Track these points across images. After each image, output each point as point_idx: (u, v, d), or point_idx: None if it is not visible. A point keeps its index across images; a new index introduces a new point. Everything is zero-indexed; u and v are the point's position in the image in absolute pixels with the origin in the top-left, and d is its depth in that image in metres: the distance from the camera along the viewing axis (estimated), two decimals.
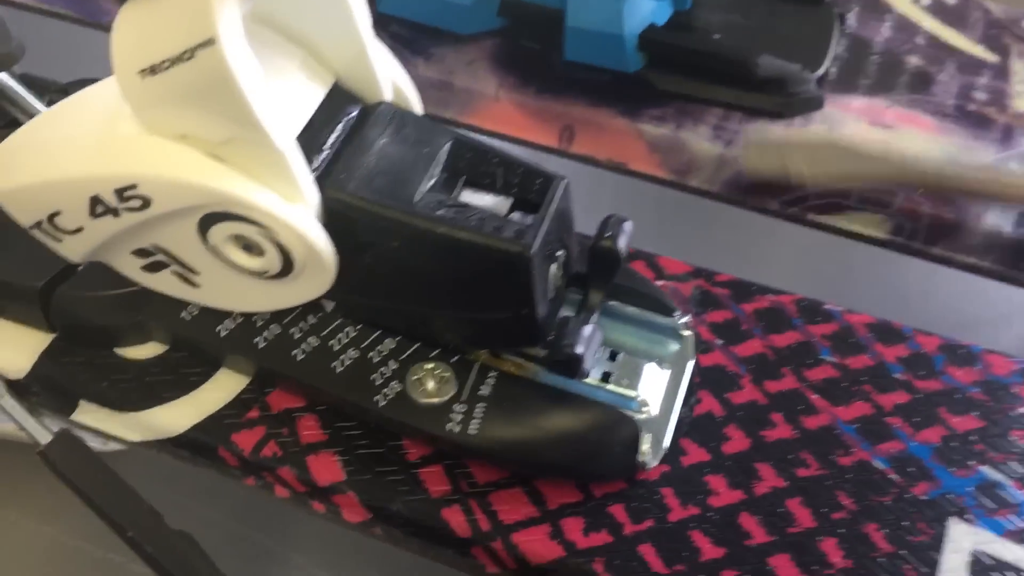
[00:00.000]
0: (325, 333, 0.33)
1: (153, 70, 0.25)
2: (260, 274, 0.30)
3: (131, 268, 0.31)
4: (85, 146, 0.28)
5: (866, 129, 0.44)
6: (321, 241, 0.28)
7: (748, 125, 0.44)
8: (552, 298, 0.31)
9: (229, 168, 0.27)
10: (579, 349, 0.30)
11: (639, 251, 0.39)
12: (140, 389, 0.34)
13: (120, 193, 0.27)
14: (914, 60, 0.47)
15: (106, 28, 0.50)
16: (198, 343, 0.33)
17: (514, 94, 0.45)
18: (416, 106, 0.33)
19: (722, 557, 0.31)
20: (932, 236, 0.42)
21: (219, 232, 0.28)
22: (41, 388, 0.34)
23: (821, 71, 0.45)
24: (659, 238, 0.31)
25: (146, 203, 0.28)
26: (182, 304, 0.33)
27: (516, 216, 0.30)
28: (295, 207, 0.28)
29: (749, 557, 0.31)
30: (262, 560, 0.45)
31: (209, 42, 0.24)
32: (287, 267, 0.29)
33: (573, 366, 0.30)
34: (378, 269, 0.30)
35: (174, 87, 0.26)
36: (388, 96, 0.32)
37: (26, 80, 0.39)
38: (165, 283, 0.32)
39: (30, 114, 0.37)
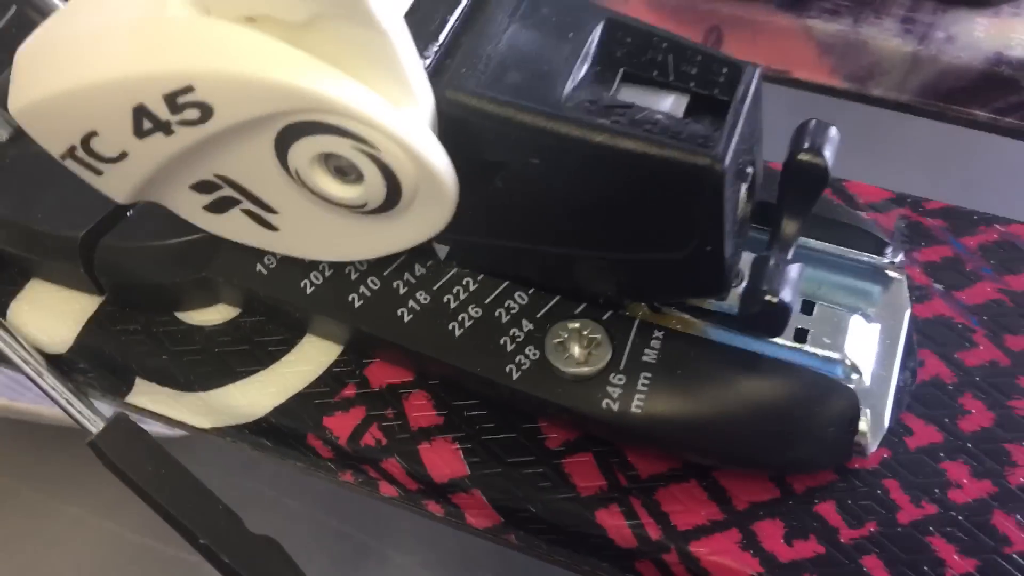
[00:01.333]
0: (438, 287, 0.26)
1: None
2: (357, 208, 0.23)
3: (191, 208, 0.25)
4: (121, 37, 0.21)
5: None
6: (439, 158, 0.22)
7: (945, 15, 0.36)
8: (738, 232, 0.24)
9: (315, 59, 0.20)
10: (786, 296, 0.22)
11: None
12: (209, 363, 0.27)
13: (172, 99, 0.21)
14: None
15: None
16: (278, 303, 0.27)
17: None
18: None
19: (974, 571, 0.24)
20: None
21: (303, 151, 0.22)
22: (89, 364, 0.28)
23: None
24: (841, 161, 0.24)
25: (207, 113, 0.21)
26: (257, 254, 0.27)
27: (692, 121, 0.23)
28: (404, 112, 0.21)
29: (1009, 569, 0.24)
30: (357, 559, 0.39)
31: None
32: (393, 196, 0.22)
33: (779, 319, 0.23)
34: (511, 197, 0.23)
35: None
36: None
37: None
38: (235, 226, 0.25)
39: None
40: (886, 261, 0.27)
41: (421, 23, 0.23)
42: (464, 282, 0.26)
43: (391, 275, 0.26)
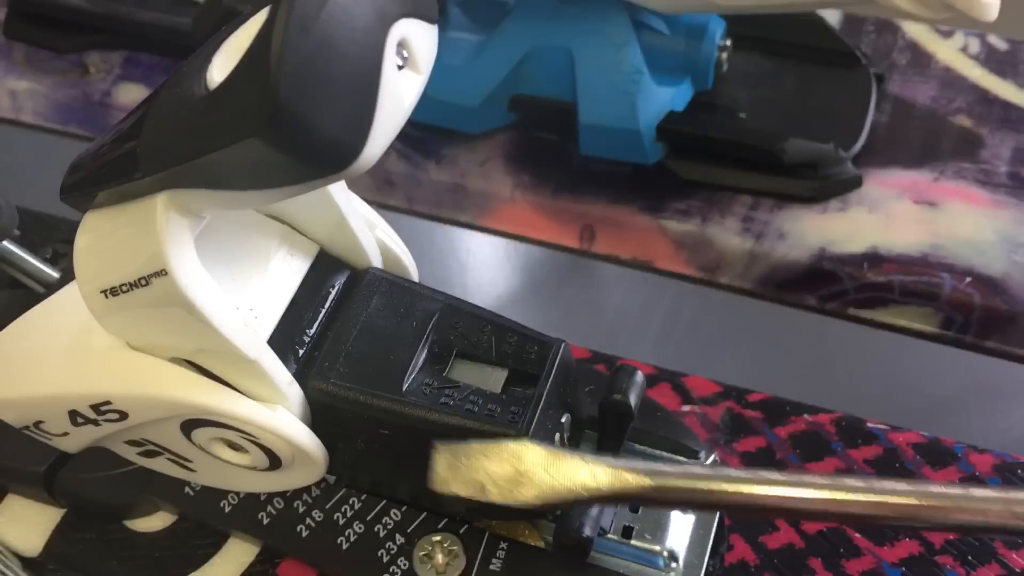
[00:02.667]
0: (329, 505, 0.32)
1: (113, 292, 0.25)
2: (250, 468, 0.29)
3: (128, 453, 0.31)
4: (57, 362, 0.27)
5: (908, 208, 0.41)
6: (305, 441, 0.28)
7: (780, 213, 0.41)
8: None
9: (201, 378, 0.26)
10: (587, 532, 0.28)
11: (663, 371, 0.37)
12: (150, 567, 0.33)
13: (96, 408, 0.27)
14: (962, 120, 0.44)
15: None
16: (203, 519, 0.33)
17: (530, 194, 0.44)
18: (409, 266, 0.32)
19: None
20: (984, 329, 0.39)
21: (202, 435, 0.28)
22: (56, 566, 0.34)
23: (857, 148, 0.42)
24: (686, 342, 0.30)
25: (123, 415, 0.27)
26: (184, 480, 0.33)
27: (507, 396, 0.29)
28: (275, 411, 0.27)
29: None
30: None
31: (161, 272, 0.23)
32: (275, 463, 0.28)
33: (582, 550, 0.28)
34: (372, 452, 0.29)
35: (137, 309, 0.25)
36: (376, 261, 0.31)
37: (35, 221, 0.39)
38: (163, 466, 0.31)
39: (31, 275, 0.37)
40: (705, 463, 0.33)
41: (295, 320, 0.29)
42: (351, 501, 0.32)
43: (292, 496, 0.32)
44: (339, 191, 0.29)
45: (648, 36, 0.42)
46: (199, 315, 0.24)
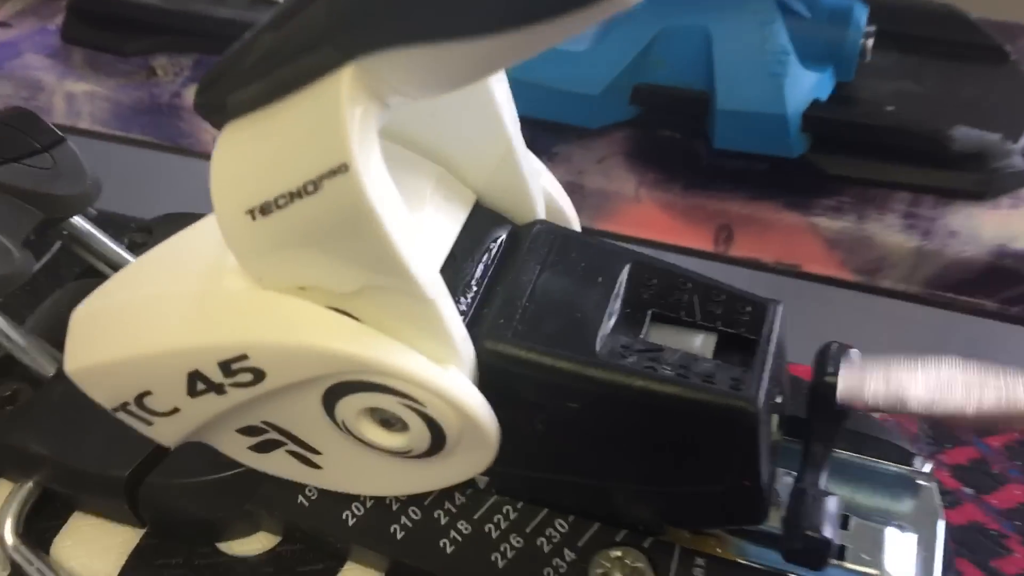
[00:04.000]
0: (478, 515, 0.26)
1: (265, 209, 0.20)
2: (402, 454, 0.23)
3: (236, 448, 0.26)
4: (180, 309, 0.22)
5: None
6: (482, 411, 0.22)
7: (946, 209, 0.37)
8: (771, 457, 0.24)
9: (362, 326, 0.21)
10: (827, 532, 0.23)
11: None
12: None
13: (226, 366, 0.22)
14: None
15: (190, 152, 0.46)
16: (320, 534, 0.27)
17: (657, 192, 0.39)
18: (574, 222, 0.27)
19: None
20: None
21: (349, 406, 0.23)
22: None
23: None
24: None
25: (259, 376, 0.22)
26: (299, 486, 0.27)
27: (721, 362, 0.24)
28: (448, 370, 0.22)
29: None
30: None
31: (341, 169, 0.19)
32: (437, 445, 0.23)
33: (821, 556, 0.23)
34: (550, 437, 0.24)
35: (294, 228, 0.20)
36: (542, 213, 0.26)
37: (102, 219, 0.34)
38: (279, 464, 0.26)
39: (107, 260, 0.33)
40: (915, 470, 0.28)
41: (456, 275, 0.24)
42: (504, 510, 0.26)
43: (432, 504, 0.27)
44: (512, 123, 0.24)
45: (790, 19, 0.38)
46: (380, 232, 0.19)
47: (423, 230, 0.24)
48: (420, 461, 0.24)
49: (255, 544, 0.29)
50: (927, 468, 0.28)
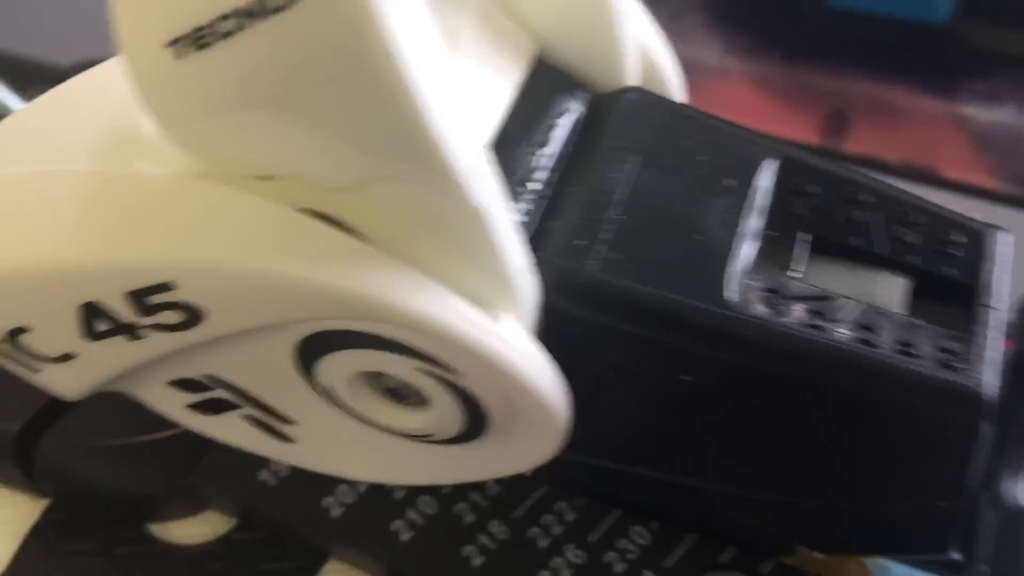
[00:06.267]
0: (521, 514, 0.19)
1: (200, 38, 0.12)
2: (419, 437, 0.16)
3: (170, 405, 0.18)
4: (65, 202, 0.14)
5: None
6: (549, 384, 0.15)
7: None
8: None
9: (360, 243, 0.13)
10: None
11: None
12: None
13: (139, 299, 0.14)
14: None
15: None
16: (288, 525, 0.20)
17: (750, 63, 0.31)
18: (676, 91, 0.19)
19: None
20: None
21: (336, 367, 0.15)
22: None
23: None
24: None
25: (194, 317, 0.14)
26: (258, 459, 0.19)
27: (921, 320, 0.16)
28: (498, 318, 0.14)
29: None
30: None
31: None
32: (474, 429, 0.15)
33: None
34: (644, 418, 0.16)
35: (247, 74, 0.12)
36: (635, 77, 0.18)
37: (5, 64, 0.25)
38: (231, 431, 0.18)
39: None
40: None
41: (509, 164, 0.16)
42: (557, 509, 0.19)
43: (453, 495, 0.19)
44: None
45: None
46: (396, 77, 0.11)
47: (456, 92, 0.16)
48: (442, 447, 0.16)
49: (200, 527, 0.21)
50: None
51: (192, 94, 0.12)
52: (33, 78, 0.26)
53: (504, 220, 0.14)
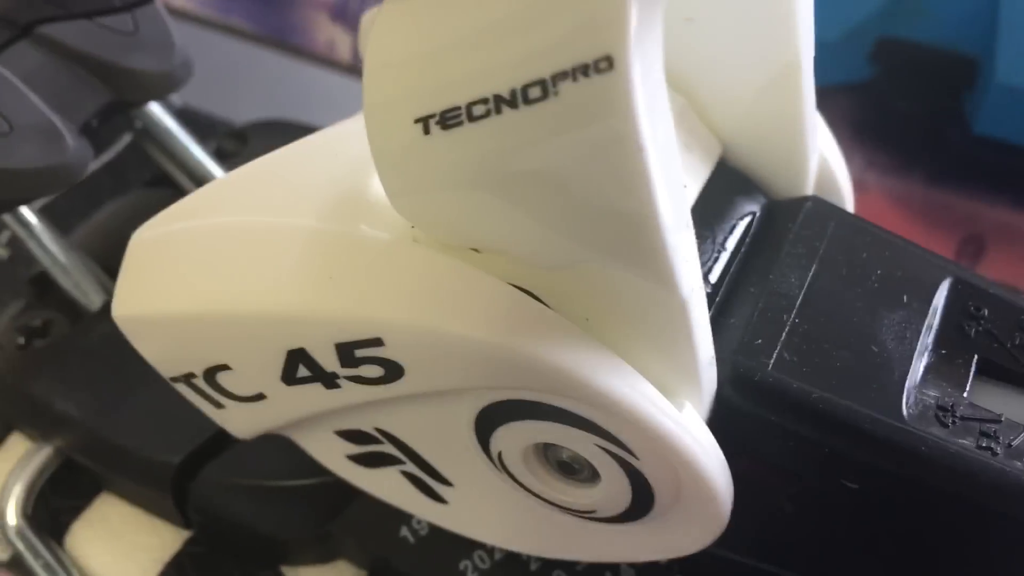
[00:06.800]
0: None
1: (450, 118, 0.13)
2: (583, 513, 0.16)
3: (330, 454, 0.19)
4: (286, 255, 0.15)
5: None
6: (719, 472, 0.15)
7: None
8: None
9: (564, 321, 0.14)
10: None
11: None
12: None
13: (348, 351, 0.15)
14: None
15: (297, 51, 0.39)
16: None
17: (890, 180, 0.31)
18: (849, 203, 0.20)
19: None
20: None
21: (515, 437, 0.16)
22: None
23: None
24: None
25: (393, 373, 0.15)
26: (403, 515, 0.20)
27: None
28: (682, 407, 0.15)
29: None
30: None
31: (601, 64, 0.11)
32: (637, 510, 0.16)
33: None
34: (799, 520, 0.17)
35: (491, 155, 0.13)
36: (811, 186, 0.19)
37: (186, 116, 0.27)
38: (386, 485, 0.19)
39: (187, 167, 0.26)
40: None
41: None
42: None
43: (588, 570, 0.20)
44: (806, 39, 0.17)
45: None
46: (640, 175, 0.12)
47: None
48: (603, 524, 0.17)
49: (331, 574, 0.22)
50: None
51: (429, 168, 0.13)
52: (206, 132, 0.28)
53: (703, 312, 0.14)
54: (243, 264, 0.15)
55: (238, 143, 0.28)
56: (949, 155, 0.32)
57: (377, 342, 0.14)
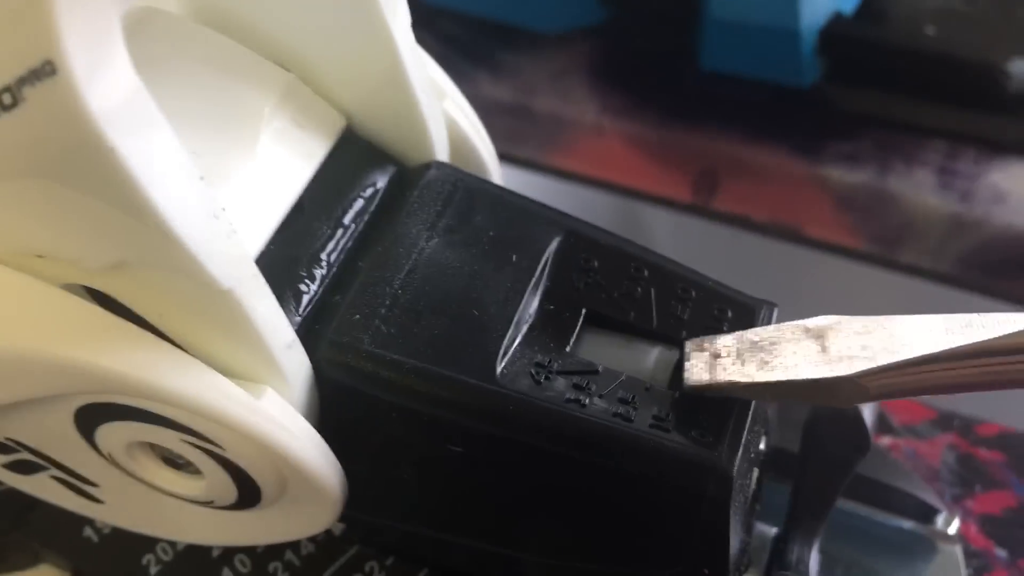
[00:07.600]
0: (331, 573, 0.19)
1: None
2: (201, 503, 0.16)
3: None
4: None
5: None
6: (314, 457, 0.15)
7: (993, 165, 0.30)
8: (746, 520, 0.18)
9: (114, 320, 0.14)
10: None
11: None
12: None
13: None
14: None
15: None
16: None
17: (625, 122, 0.32)
18: (491, 167, 0.20)
19: None
20: None
21: (113, 436, 0.16)
22: None
23: None
24: None
25: None
26: (83, 516, 0.20)
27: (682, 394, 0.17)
28: (261, 394, 0.15)
29: None
30: None
31: (45, 69, 0.11)
32: (249, 498, 0.16)
33: None
34: (423, 486, 0.17)
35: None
36: (442, 152, 0.19)
37: None
38: (47, 490, 0.19)
39: None
40: (935, 530, 0.21)
41: (303, 237, 0.17)
42: (368, 568, 0.20)
43: (267, 554, 0.20)
44: (399, 15, 0.17)
45: None
46: (117, 169, 0.12)
47: (249, 172, 0.16)
48: (231, 512, 0.17)
49: None
50: (952, 529, 0.21)
51: None
52: None
53: (260, 299, 0.14)
54: None
55: None
56: (681, 93, 0.32)
57: None
